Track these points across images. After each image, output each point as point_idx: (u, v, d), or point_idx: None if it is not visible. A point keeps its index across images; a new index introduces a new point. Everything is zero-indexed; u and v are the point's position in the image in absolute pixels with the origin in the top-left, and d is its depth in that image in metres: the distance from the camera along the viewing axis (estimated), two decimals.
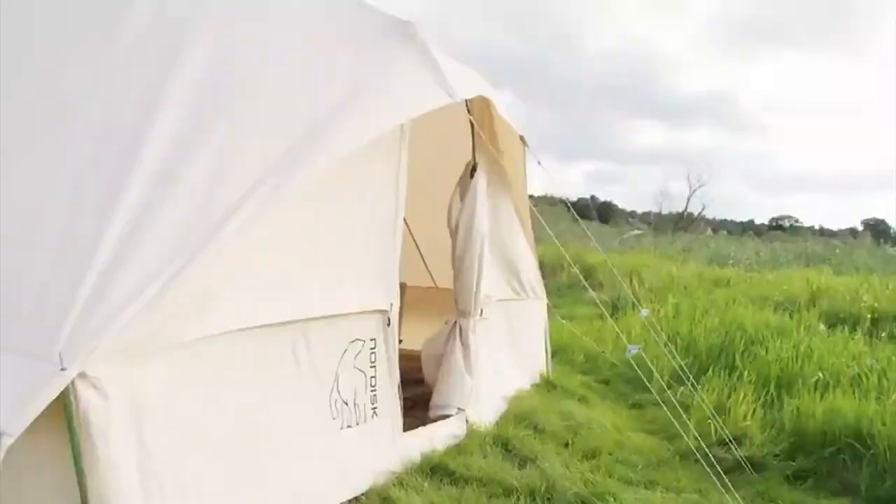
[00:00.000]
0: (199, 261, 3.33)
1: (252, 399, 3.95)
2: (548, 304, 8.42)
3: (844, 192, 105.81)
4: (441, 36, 6.08)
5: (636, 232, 38.16)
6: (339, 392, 4.61)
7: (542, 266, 17.81)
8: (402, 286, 6.61)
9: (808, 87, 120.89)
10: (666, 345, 9.16)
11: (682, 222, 49.93)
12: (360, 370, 4.78)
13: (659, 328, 10.41)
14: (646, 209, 59.60)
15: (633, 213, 61.20)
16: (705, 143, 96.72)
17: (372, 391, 4.87)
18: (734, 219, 66.55)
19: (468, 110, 6.05)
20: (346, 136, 4.20)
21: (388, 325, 4.95)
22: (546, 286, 15.67)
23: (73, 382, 2.88)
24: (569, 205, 14.55)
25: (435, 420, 5.85)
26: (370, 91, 4.46)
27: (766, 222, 65.41)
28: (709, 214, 54.93)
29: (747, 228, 58.48)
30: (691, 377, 8.19)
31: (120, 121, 3.77)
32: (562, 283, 17.42)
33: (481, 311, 6.24)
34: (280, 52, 4.43)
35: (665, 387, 8.36)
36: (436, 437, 5.50)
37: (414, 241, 8.22)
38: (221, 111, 3.97)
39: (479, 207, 6.05)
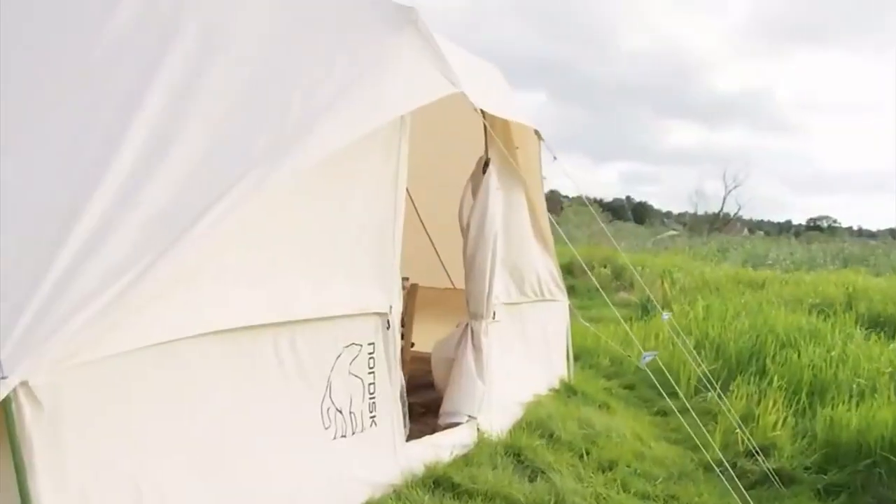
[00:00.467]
0: (165, 259, 3.04)
1: (226, 406, 3.63)
2: (570, 306, 8.00)
3: (884, 192, 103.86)
4: (472, 35, 5.80)
5: (671, 233, 37.62)
6: (332, 399, 4.28)
7: (572, 267, 17.63)
8: (414, 287, 6.32)
9: (846, 84, 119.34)
10: (694, 349, 8.76)
11: (718, 223, 49.19)
12: (357, 376, 4.45)
13: (687, 331, 10.02)
14: (681, 210, 58.87)
15: (668, 214, 60.55)
16: (741, 143, 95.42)
17: (370, 398, 4.54)
18: (771, 219, 65.69)
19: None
20: (339, 128, 3.91)
21: (388, 328, 4.61)
22: (575, 287, 15.36)
23: (15, 391, 2.60)
24: (590, 203, 14.08)
25: (445, 428, 5.52)
26: (367, 80, 4.17)
27: (804, 223, 64.40)
28: (745, 215, 54.21)
29: (784, 229, 57.54)
30: (719, 383, 7.81)
31: (100, 116, 3.50)
32: (591, 285, 16.94)
33: (494, 314, 5.89)
34: (273, 39, 4.13)
35: (691, 393, 8.01)
36: (442, 447, 5.15)
37: (430, 240, 7.88)
38: (207, 103, 3.67)
39: (491, 204, 5.70)
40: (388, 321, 4.61)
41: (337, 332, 4.31)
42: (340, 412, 4.34)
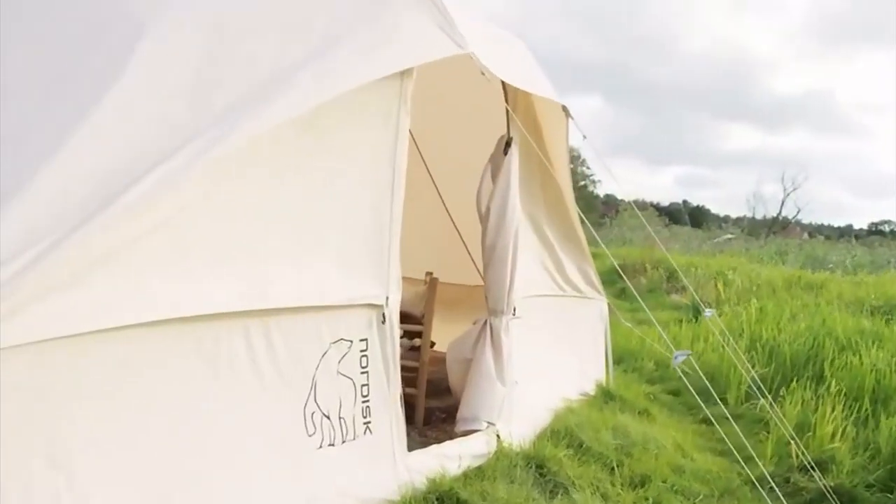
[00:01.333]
0: (86, 230, 2.50)
1: (180, 410, 3.09)
2: (610, 305, 7.29)
3: None
4: (524, 38, 5.14)
5: (728, 236, 36.47)
6: (317, 403, 3.70)
7: (623, 269, 16.92)
8: (434, 281, 5.70)
9: None
10: (745, 351, 8.01)
11: (776, 227, 47.76)
12: (347, 377, 3.86)
13: (739, 333, 9.27)
14: (739, 214, 57.42)
15: (726, 218, 58.99)
16: (800, 145, 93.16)
17: (364, 402, 3.94)
18: (831, 223, 63.75)
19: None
20: (314, 86, 3.32)
21: (384, 322, 4.00)
22: (626, 290, 14.62)
23: None
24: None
25: (462, 436, 4.89)
26: (353, 35, 3.57)
27: (865, 227, 62.24)
28: (804, 219, 52.65)
29: (844, 233, 55.69)
30: (771, 389, 7.08)
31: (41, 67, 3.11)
32: (642, 287, 16.23)
33: (515, 310, 5.24)
34: None
35: (741, 399, 7.29)
36: (450, 457, 4.52)
37: (458, 233, 7.25)
38: (153, 52, 3.11)
39: (513, 189, 5.06)
40: (383, 315, 3.99)
41: (322, 326, 3.72)
42: (327, 417, 3.75)
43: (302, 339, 3.61)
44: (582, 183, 50.96)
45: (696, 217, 57.12)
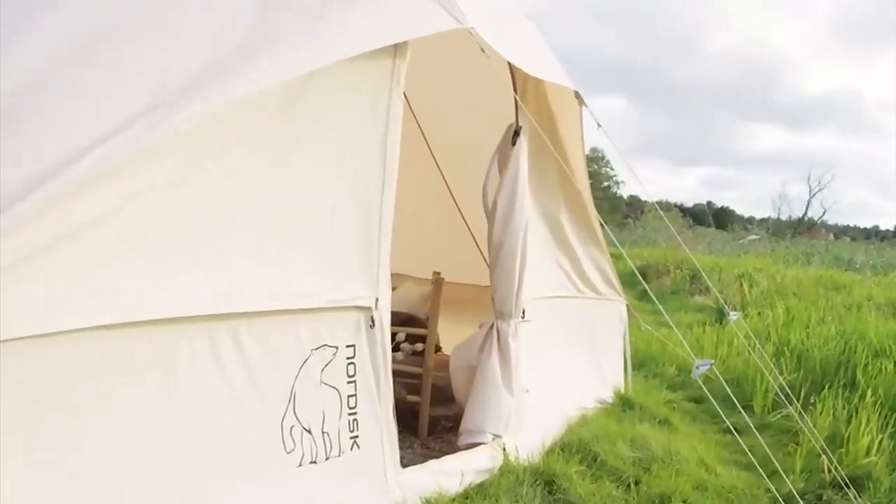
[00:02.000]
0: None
1: (132, 423, 2.70)
2: (629, 307, 6.82)
3: None
4: (549, 39, 4.74)
5: (752, 237, 35.85)
6: (296, 415, 3.29)
7: (646, 270, 16.42)
8: (440, 280, 5.27)
9: None
10: (772, 356, 7.52)
11: (802, 228, 46.98)
12: (332, 386, 3.45)
13: (765, 337, 8.77)
14: (764, 215, 56.68)
15: (750, 219, 58.23)
16: (826, 146, 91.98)
17: (350, 414, 3.53)
18: (857, 224, 62.77)
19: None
20: (280, 63, 2.92)
21: (374, 326, 3.58)
22: (648, 291, 14.08)
23: None
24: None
25: (466, 449, 4.48)
26: (333, 7, 3.17)
27: (892, 228, 61.17)
28: (830, 220, 51.90)
29: (871, 234, 54.77)
30: (800, 396, 6.59)
31: None
32: (664, 288, 15.75)
33: (524, 312, 4.80)
34: None
35: (768, 407, 6.81)
36: (451, 474, 4.10)
37: (469, 229, 6.82)
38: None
39: (521, 181, 4.63)
40: (372, 318, 3.58)
41: (302, 330, 3.32)
42: (308, 432, 3.35)
43: (279, 346, 3.21)
44: (605, 184, 50.52)
45: (720, 218, 56.57)
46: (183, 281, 2.80)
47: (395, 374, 5.10)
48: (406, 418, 5.11)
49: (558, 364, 5.42)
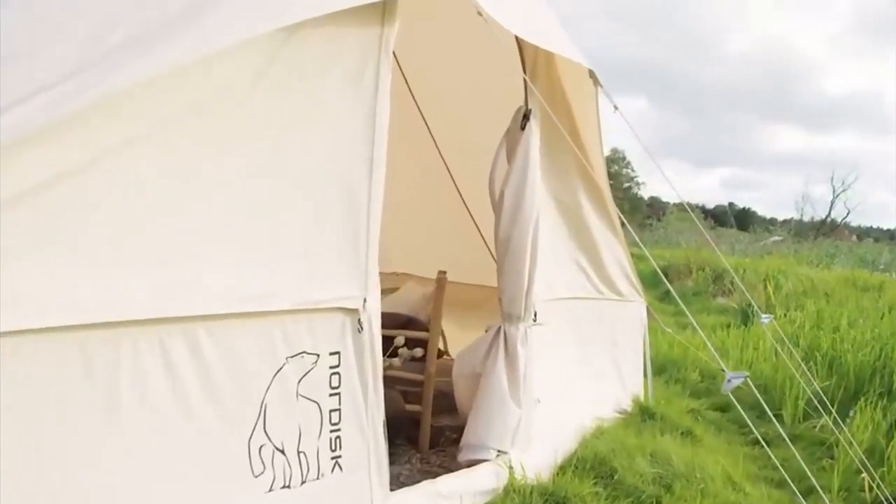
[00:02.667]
0: None
1: (57, 448, 2.25)
2: (648, 308, 6.32)
3: None
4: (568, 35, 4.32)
5: (775, 238, 35.18)
6: (267, 433, 2.85)
7: (667, 271, 15.92)
8: (443, 278, 4.81)
9: None
10: (803, 362, 7.02)
11: (825, 228, 46.20)
12: (311, 400, 3.00)
13: (793, 341, 8.25)
14: (786, 216, 55.90)
15: (772, 221, 57.49)
16: (848, 146, 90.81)
17: (332, 431, 3.08)
18: (881, 226, 61.81)
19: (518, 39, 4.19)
20: (233, 19, 2.48)
21: (361, 330, 3.13)
22: (670, 292, 13.60)
23: None
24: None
25: (468, 466, 4.02)
26: None
27: None
28: (852, 221, 51.03)
29: (894, 235, 53.84)
30: (835, 405, 6.09)
31: None
32: (687, 289, 15.23)
33: (535, 314, 4.34)
34: None
35: (799, 416, 6.31)
36: (449, 496, 3.64)
37: (476, 226, 6.36)
38: None
39: (531, 170, 4.16)
40: (359, 321, 3.12)
41: (275, 335, 2.87)
42: (281, 452, 2.90)
43: (246, 353, 2.77)
44: (626, 185, 49.90)
45: (741, 219, 55.91)
46: (121, 279, 2.36)
47: (395, 381, 4.67)
48: (407, 429, 4.68)
49: (574, 371, 4.95)
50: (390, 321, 4.94)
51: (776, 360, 7.42)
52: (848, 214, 49.02)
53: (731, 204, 64.35)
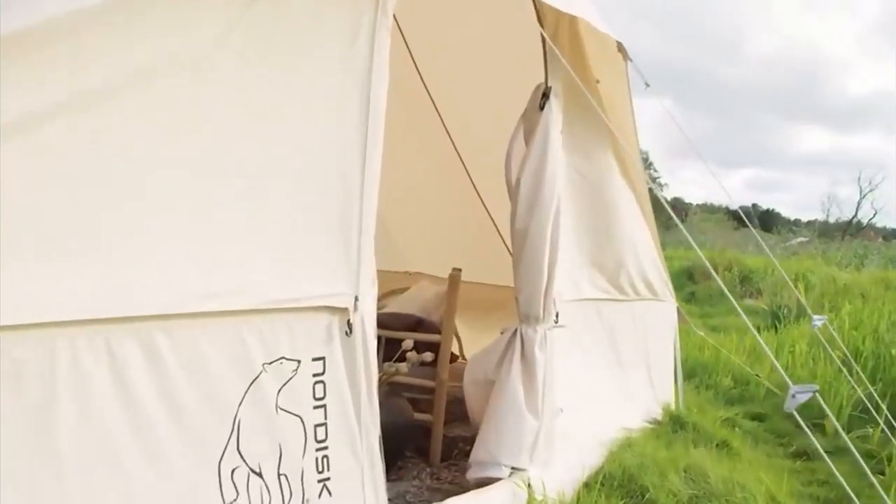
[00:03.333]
0: None
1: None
2: (679, 309, 5.82)
3: None
4: None
5: (801, 239, 34.47)
6: (241, 453, 2.40)
7: (692, 272, 15.41)
8: (456, 275, 4.35)
9: None
10: (842, 367, 6.50)
11: (851, 229, 45.32)
12: (293, 414, 2.55)
13: (831, 344, 7.73)
14: (811, 218, 55.05)
15: (796, 222, 56.59)
16: (873, 147, 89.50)
17: (319, 450, 2.63)
18: None
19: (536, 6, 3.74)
20: None
21: (350, 333, 2.68)
22: (695, 293, 13.13)
23: None
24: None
25: (477, 486, 3.56)
26: None
27: None
28: (878, 222, 50.06)
29: None
30: (880, 413, 5.58)
31: None
32: (713, 291, 14.72)
33: (557, 315, 3.87)
34: None
35: (844, 426, 5.78)
36: None
37: (494, 224, 5.89)
38: None
39: (551, 153, 3.70)
40: (348, 323, 2.67)
41: (250, 339, 2.42)
42: (258, 474, 2.46)
43: (215, 360, 2.32)
44: (649, 186, 49.28)
45: (765, 220, 55.13)
46: (50, 272, 1.93)
47: (403, 388, 4.23)
48: (417, 440, 4.24)
49: (602, 378, 4.48)
50: (398, 322, 4.51)
51: (813, 366, 6.91)
52: (875, 215, 48.12)
53: (754, 205, 63.41)
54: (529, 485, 3.57)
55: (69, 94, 1.94)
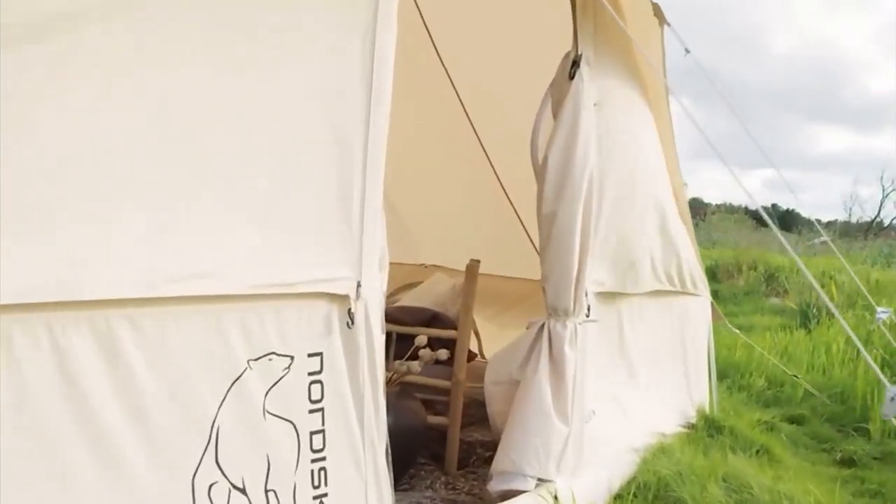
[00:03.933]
0: None
1: None
2: (713, 305, 5.39)
3: None
4: None
5: (823, 238, 33.96)
6: (219, 466, 2.00)
7: (715, 270, 15.02)
8: (474, 266, 3.95)
9: None
10: (881, 367, 6.08)
11: (874, 229, 44.65)
12: (284, 419, 2.16)
13: (866, 344, 7.27)
14: (830, 217, 54.44)
15: (818, 222, 55.99)
16: (893, 147, 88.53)
17: (315, 461, 2.23)
18: None
19: None
20: None
21: (352, 325, 2.27)
22: (719, 292, 12.70)
23: None
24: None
25: (500, 499, 3.15)
26: None
27: None
28: None
29: None
30: None
31: None
32: (737, 289, 14.31)
33: (588, 309, 3.45)
34: None
35: (889, 431, 5.36)
36: None
37: (516, 212, 5.49)
38: None
39: (583, 129, 3.28)
40: (349, 313, 2.26)
41: (232, 331, 2.03)
42: (242, 491, 2.06)
43: (189, 355, 1.93)
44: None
45: (785, 221, 54.59)
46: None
47: (416, 389, 3.86)
48: (430, 445, 3.84)
49: (636, 378, 4.05)
50: (410, 316, 4.12)
51: (853, 367, 6.48)
52: None
53: (774, 205, 62.86)
54: (556, 496, 3.16)
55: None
